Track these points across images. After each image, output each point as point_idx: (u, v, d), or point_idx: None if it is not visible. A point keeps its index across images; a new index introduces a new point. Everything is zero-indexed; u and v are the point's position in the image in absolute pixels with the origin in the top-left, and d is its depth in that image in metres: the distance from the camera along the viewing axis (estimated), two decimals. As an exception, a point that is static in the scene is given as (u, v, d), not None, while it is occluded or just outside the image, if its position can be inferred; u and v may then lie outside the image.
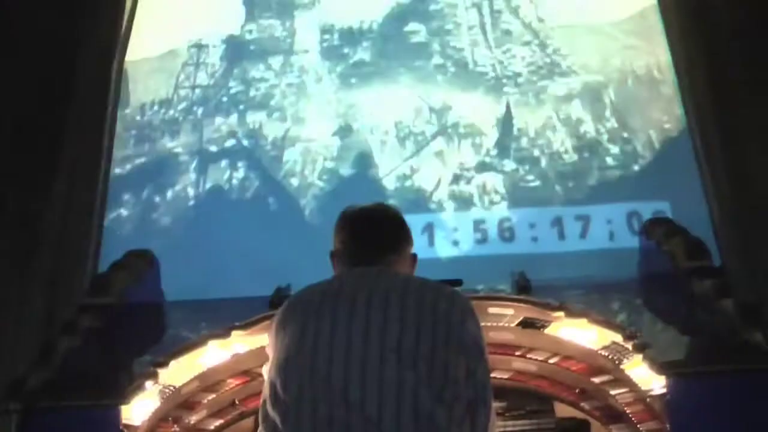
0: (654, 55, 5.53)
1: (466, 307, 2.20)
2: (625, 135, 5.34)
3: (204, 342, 3.06)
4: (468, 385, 2.11)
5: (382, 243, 2.35)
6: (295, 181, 5.28)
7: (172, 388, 2.89)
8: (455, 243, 5.08)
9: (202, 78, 5.66)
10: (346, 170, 5.31)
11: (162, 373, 2.84)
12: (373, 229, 2.37)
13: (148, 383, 2.77)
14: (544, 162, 5.28)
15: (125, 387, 2.70)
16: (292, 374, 2.09)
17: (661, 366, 2.62)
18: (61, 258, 4.89)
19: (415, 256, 2.45)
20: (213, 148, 5.44)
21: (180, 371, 2.95)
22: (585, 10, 5.69)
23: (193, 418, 2.94)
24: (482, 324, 2.26)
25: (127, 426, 2.63)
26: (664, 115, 5.40)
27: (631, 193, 5.12)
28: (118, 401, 2.63)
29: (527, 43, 5.66)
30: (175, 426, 2.85)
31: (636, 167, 5.25)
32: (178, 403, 2.94)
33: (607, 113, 5.42)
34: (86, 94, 5.25)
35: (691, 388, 2.57)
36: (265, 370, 2.24)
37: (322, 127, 5.43)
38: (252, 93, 5.57)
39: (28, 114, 5.10)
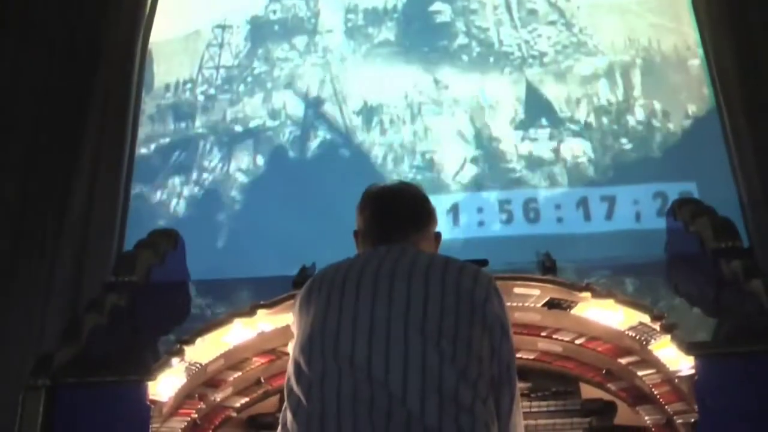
0: (681, 33, 5.47)
1: (490, 286, 2.19)
2: (652, 115, 5.29)
3: (229, 320, 3.05)
4: (492, 363, 2.10)
5: (405, 221, 2.34)
6: (319, 161, 5.29)
7: (198, 365, 2.90)
8: (480, 224, 5.07)
9: (227, 58, 5.66)
10: (369, 149, 5.30)
11: (188, 350, 2.85)
12: (395, 208, 2.36)
13: (175, 360, 2.78)
14: (569, 142, 5.24)
15: (151, 363, 2.71)
16: (316, 351, 2.09)
17: (689, 346, 2.59)
18: (87, 237, 4.93)
19: (439, 234, 2.44)
20: (237, 128, 5.45)
21: (205, 349, 2.95)
22: (611, -12, 5.64)
23: (219, 396, 2.94)
24: (508, 304, 2.25)
25: (154, 401, 2.65)
26: (691, 94, 5.34)
27: (658, 174, 5.08)
28: (145, 377, 2.65)
29: (553, 23, 5.60)
30: (201, 403, 2.85)
31: (662, 147, 5.20)
32: (204, 381, 2.95)
33: (634, 93, 5.37)
34: (110, 75, 5.27)
35: (720, 368, 2.54)
36: (290, 348, 2.24)
37: (346, 106, 5.42)
38: (276, 73, 5.57)
39: (52, 94, 5.13)
